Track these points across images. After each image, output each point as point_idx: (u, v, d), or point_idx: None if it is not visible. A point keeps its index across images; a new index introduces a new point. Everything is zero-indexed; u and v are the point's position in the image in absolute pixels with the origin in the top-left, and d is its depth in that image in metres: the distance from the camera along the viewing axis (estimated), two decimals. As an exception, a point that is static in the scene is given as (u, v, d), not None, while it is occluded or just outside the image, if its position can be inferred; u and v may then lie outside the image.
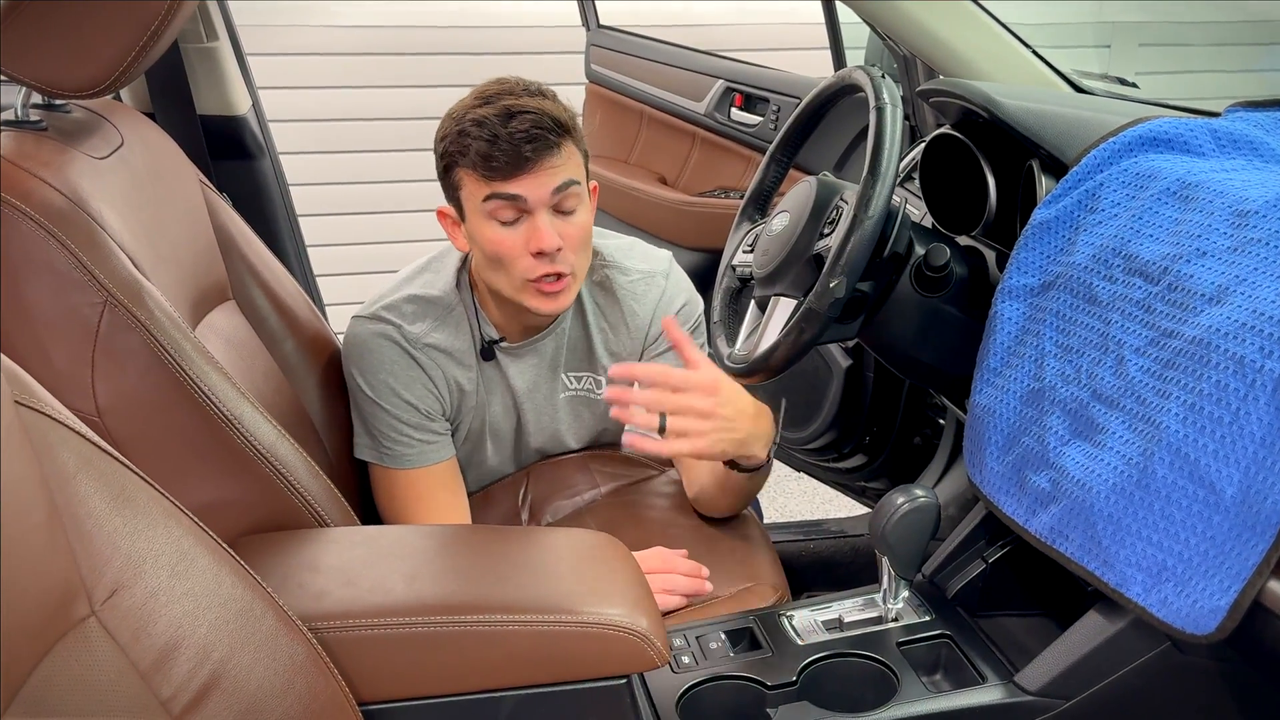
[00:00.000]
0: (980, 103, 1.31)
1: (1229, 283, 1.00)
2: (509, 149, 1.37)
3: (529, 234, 1.41)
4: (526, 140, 1.37)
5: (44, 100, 1.28)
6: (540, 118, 1.38)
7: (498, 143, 1.37)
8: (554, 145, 1.39)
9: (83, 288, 1.10)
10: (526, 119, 1.37)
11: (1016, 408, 1.19)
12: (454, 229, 1.51)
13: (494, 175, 1.39)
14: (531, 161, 1.38)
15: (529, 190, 1.39)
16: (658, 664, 1.07)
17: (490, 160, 1.37)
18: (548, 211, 1.42)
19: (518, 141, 1.37)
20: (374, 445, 1.53)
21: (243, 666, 0.88)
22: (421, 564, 1.16)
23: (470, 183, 1.41)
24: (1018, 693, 1.17)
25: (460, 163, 1.41)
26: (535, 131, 1.37)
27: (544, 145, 1.38)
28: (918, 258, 1.29)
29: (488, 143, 1.37)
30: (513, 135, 1.36)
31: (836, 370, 2.03)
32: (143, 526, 0.84)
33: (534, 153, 1.37)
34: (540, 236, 1.40)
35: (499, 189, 1.39)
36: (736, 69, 2.47)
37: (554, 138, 1.39)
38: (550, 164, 1.39)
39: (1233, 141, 1.19)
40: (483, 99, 1.40)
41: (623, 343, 1.64)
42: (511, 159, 1.37)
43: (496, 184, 1.39)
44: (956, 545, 1.36)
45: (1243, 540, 0.93)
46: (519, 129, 1.36)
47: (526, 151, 1.37)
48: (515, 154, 1.37)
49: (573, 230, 1.44)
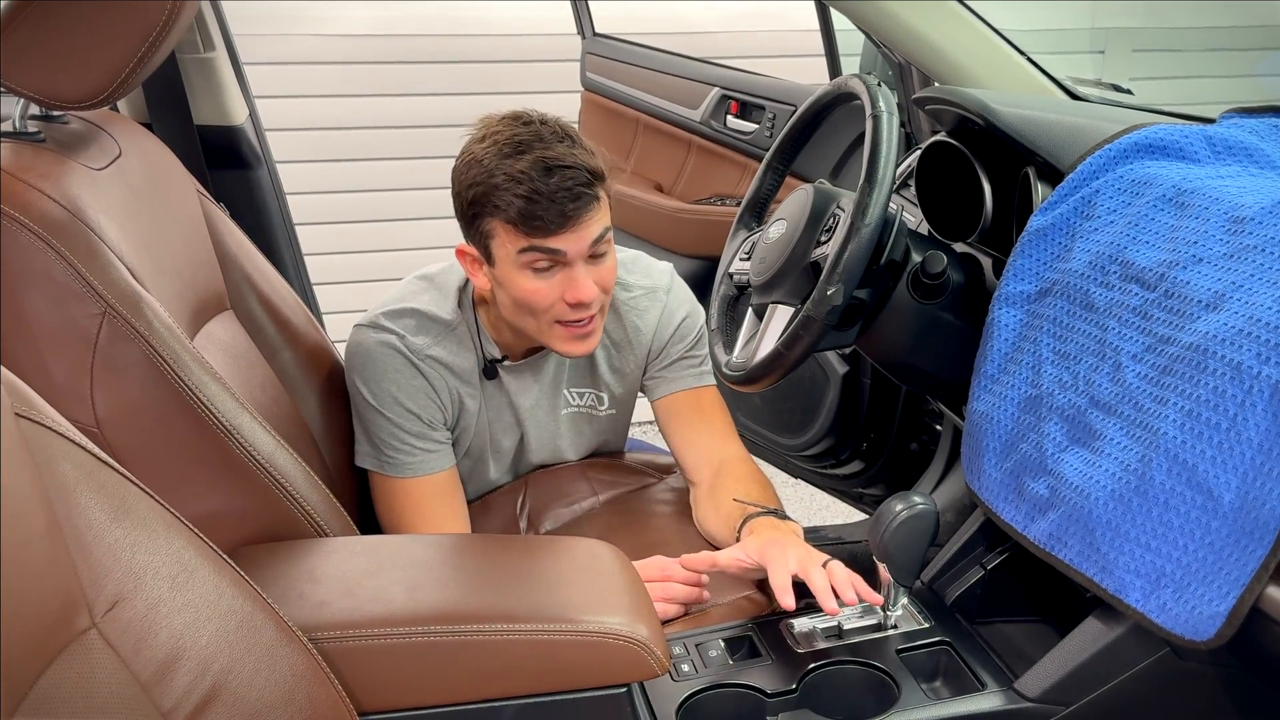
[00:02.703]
0: (976, 110, 1.31)
1: (1225, 289, 1.00)
2: (551, 206, 1.34)
3: (565, 285, 1.40)
4: (570, 199, 1.34)
5: (42, 111, 1.29)
6: (579, 172, 1.35)
7: (539, 201, 1.33)
8: (593, 199, 1.37)
9: (81, 299, 1.10)
10: (568, 176, 1.34)
11: (1014, 414, 1.20)
12: (475, 269, 1.47)
13: (535, 232, 1.36)
14: (573, 219, 1.35)
15: (570, 245, 1.37)
16: (658, 673, 1.07)
17: (532, 220, 1.34)
18: (584, 262, 1.40)
19: (561, 200, 1.34)
20: (375, 453, 1.53)
21: (243, 677, 0.88)
22: (421, 574, 1.16)
23: (505, 234, 1.38)
24: (1017, 699, 1.18)
25: (494, 214, 1.37)
26: (578, 189, 1.34)
27: (585, 201, 1.36)
28: (914, 265, 1.29)
29: (528, 200, 1.34)
30: (554, 194, 1.33)
31: (834, 377, 2.04)
32: (143, 538, 0.85)
33: (576, 210, 1.35)
34: (579, 288, 1.39)
35: (539, 243, 1.37)
36: (732, 76, 2.47)
37: (592, 191, 1.36)
38: (590, 218, 1.37)
39: (1228, 148, 1.19)
40: (511, 147, 1.36)
41: (626, 359, 1.64)
42: (555, 217, 1.34)
43: (537, 239, 1.37)
44: (955, 552, 1.36)
45: (1241, 546, 0.93)
46: (562, 186, 1.34)
47: (570, 210, 1.35)
48: (559, 212, 1.34)
49: (605, 274, 1.44)
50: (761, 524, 1.42)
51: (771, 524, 1.42)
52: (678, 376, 1.64)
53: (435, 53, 3.47)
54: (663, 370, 1.64)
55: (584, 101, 2.84)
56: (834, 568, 1.30)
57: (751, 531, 1.41)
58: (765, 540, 1.37)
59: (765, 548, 1.35)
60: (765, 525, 1.42)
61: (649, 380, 1.66)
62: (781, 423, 2.23)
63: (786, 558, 1.32)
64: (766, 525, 1.42)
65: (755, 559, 1.35)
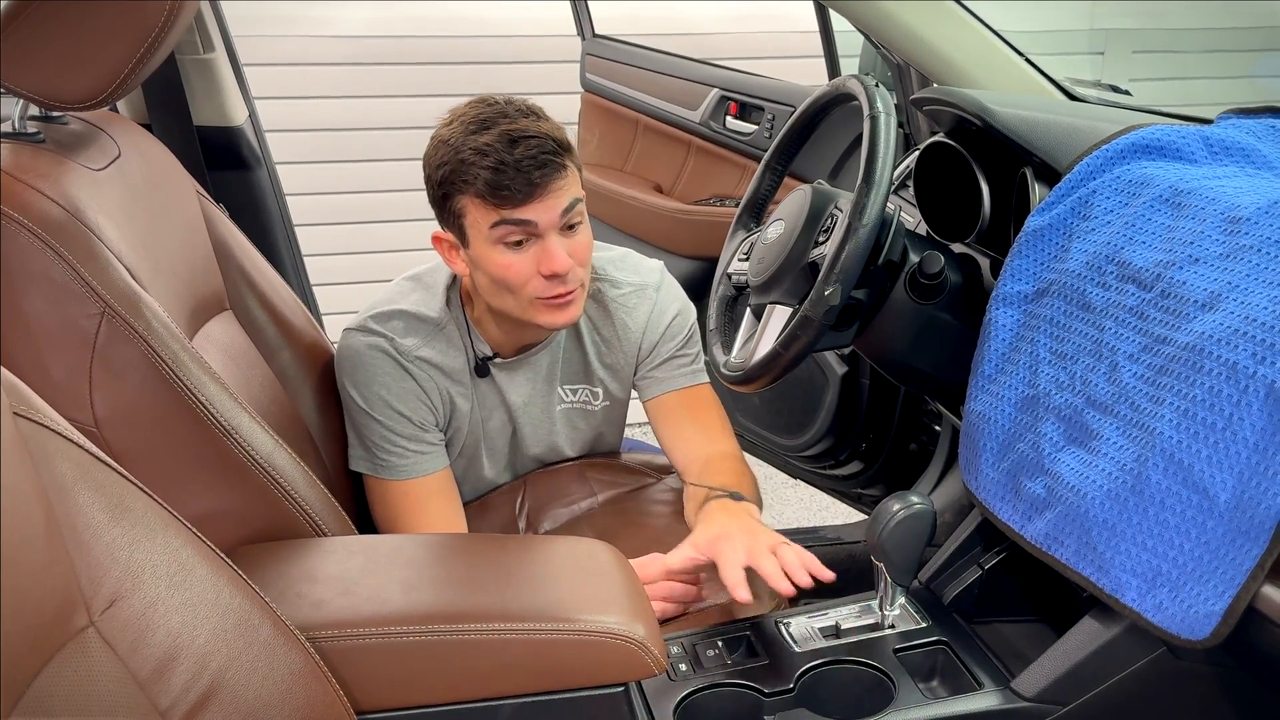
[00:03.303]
0: (973, 111, 1.31)
1: (1221, 289, 1.00)
2: (518, 176, 1.36)
3: (540, 256, 1.41)
4: (536, 166, 1.36)
5: (41, 112, 1.29)
6: (544, 141, 1.37)
7: (505, 170, 1.36)
8: (560, 167, 1.39)
9: (80, 299, 1.10)
10: (531, 144, 1.36)
11: (1011, 414, 1.20)
12: (452, 254, 1.49)
13: (504, 203, 1.38)
14: (540, 187, 1.37)
15: (540, 215, 1.39)
16: (655, 672, 1.07)
17: (499, 189, 1.36)
18: (557, 233, 1.42)
19: (526, 168, 1.36)
20: (368, 456, 1.53)
21: (241, 676, 0.88)
22: (418, 573, 1.17)
23: (475, 210, 1.40)
24: (1014, 699, 1.18)
25: (463, 190, 1.39)
26: (543, 157, 1.37)
27: (552, 169, 1.38)
28: (912, 265, 1.30)
29: (494, 171, 1.36)
30: (520, 162, 1.36)
31: (833, 377, 2.04)
32: (141, 537, 0.85)
33: (543, 178, 1.37)
34: (553, 258, 1.41)
35: (509, 215, 1.39)
36: (731, 77, 2.48)
37: (559, 160, 1.38)
38: (558, 186, 1.39)
39: (1225, 148, 1.19)
40: (477, 124, 1.39)
41: (616, 356, 1.64)
42: (522, 186, 1.36)
43: (506, 210, 1.38)
44: (952, 552, 1.36)
45: (1237, 545, 0.93)
46: (526, 155, 1.36)
47: (536, 178, 1.37)
48: (525, 181, 1.36)
49: (579, 246, 1.45)
50: (714, 510, 1.43)
51: (724, 507, 1.42)
52: (669, 376, 1.64)
53: (435, 54, 3.47)
54: (654, 370, 1.64)
55: (583, 102, 2.84)
56: (783, 551, 1.31)
57: (704, 519, 1.42)
58: (715, 533, 1.37)
59: (715, 542, 1.35)
60: (718, 510, 1.42)
61: (640, 380, 1.66)
62: (781, 423, 2.24)
63: (736, 550, 1.32)
64: (719, 510, 1.42)
65: (706, 554, 1.35)
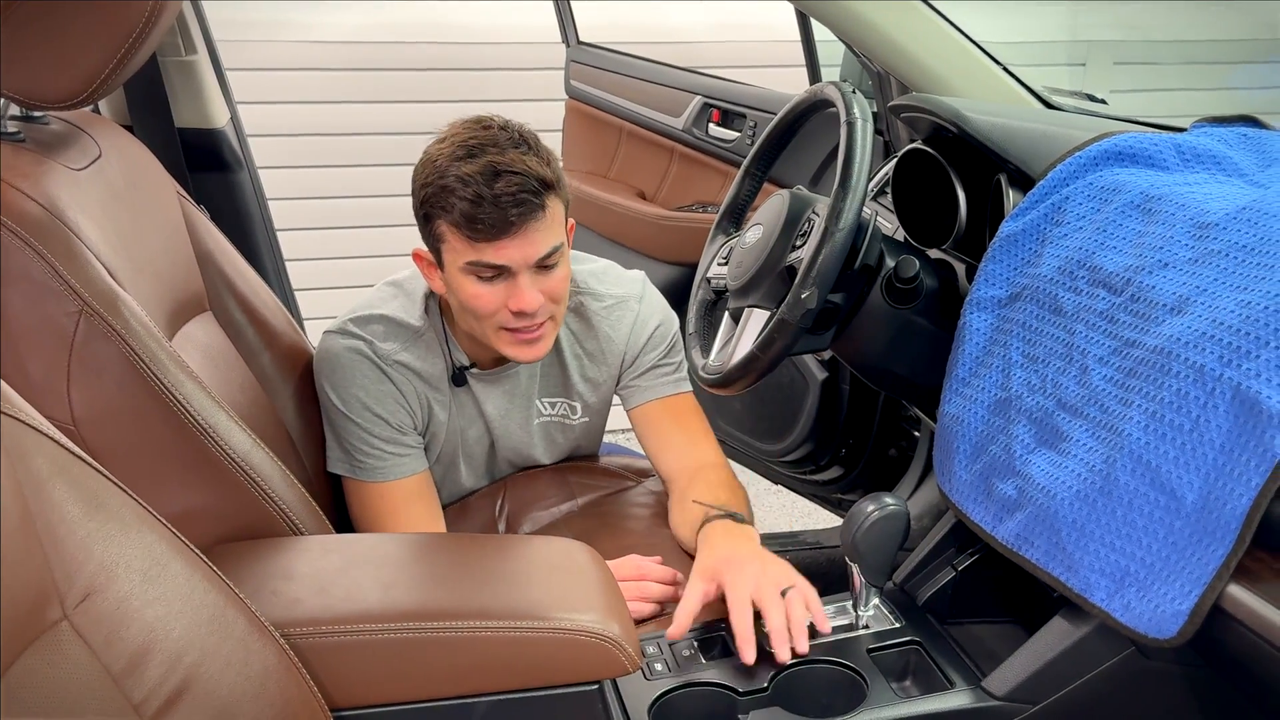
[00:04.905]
0: (949, 118, 1.32)
1: (1190, 293, 1.02)
2: (494, 213, 1.33)
3: (509, 293, 1.39)
4: (514, 204, 1.33)
5: (22, 112, 1.29)
6: (525, 180, 1.33)
7: (482, 205, 1.33)
8: (538, 208, 1.35)
9: (59, 297, 1.10)
10: (513, 182, 1.33)
11: (984, 417, 1.21)
12: (430, 271, 1.48)
13: (478, 238, 1.35)
14: (516, 226, 1.34)
15: (512, 258, 1.37)
16: (630, 670, 1.08)
17: (475, 223, 1.34)
18: (529, 271, 1.39)
19: (504, 205, 1.33)
20: (346, 459, 1.53)
21: (214, 671, 0.88)
22: (395, 571, 1.17)
23: (452, 238, 1.38)
24: (985, 698, 1.19)
25: (442, 217, 1.37)
26: (522, 195, 1.33)
27: (529, 210, 1.34)
28: (888, 270, 1.31)
29: (472, 204, 1.33)
30: (499, 198, 1.33)
31: (813, 383, 2.05)
32: (115, 532, 0.85)
33: (519, 216, 1.34)
34: (522, 297, 1.39)
35: (481, 258, 1.37)
36: (714, 85, 2.49)
37: (538, 200, 1.35)
38: (534, 228, 1.36)
39: (1196, 156, 1.21)
40: (465, 150, 1.35)
41: (599, 369, 1.64)
42: (496, 223, 1.34)
43: (480, 247, 1.36)
44: (927, 553, 1.37)
45: (1203, 545, 0.94)
46: (505, 191, 1.33)
47: (512, 215, 1.34)
48: (501, 217, 1.33)
49: (553, 284, 1.42)
50: (715, 531, 1.41)
51: (726, 530, 1.41)
52: (652, 385, 1.64)
53: (419, 60, 3.48)
54: (637, 379, 1.64)
55: (568, 109, 2.85)
56: (793, 605, 1.27)
57: (706, 543, 1.39)
58: (723, 555, 1.34)
59: (722, 568, 1.32)
60: (721, 535, 1.40)
61: (623, 389, 1.66)
62: (762, 429, 2.25)
63: (745, 580, 1.29)
64: (722, 535, 1.40)
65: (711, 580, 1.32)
